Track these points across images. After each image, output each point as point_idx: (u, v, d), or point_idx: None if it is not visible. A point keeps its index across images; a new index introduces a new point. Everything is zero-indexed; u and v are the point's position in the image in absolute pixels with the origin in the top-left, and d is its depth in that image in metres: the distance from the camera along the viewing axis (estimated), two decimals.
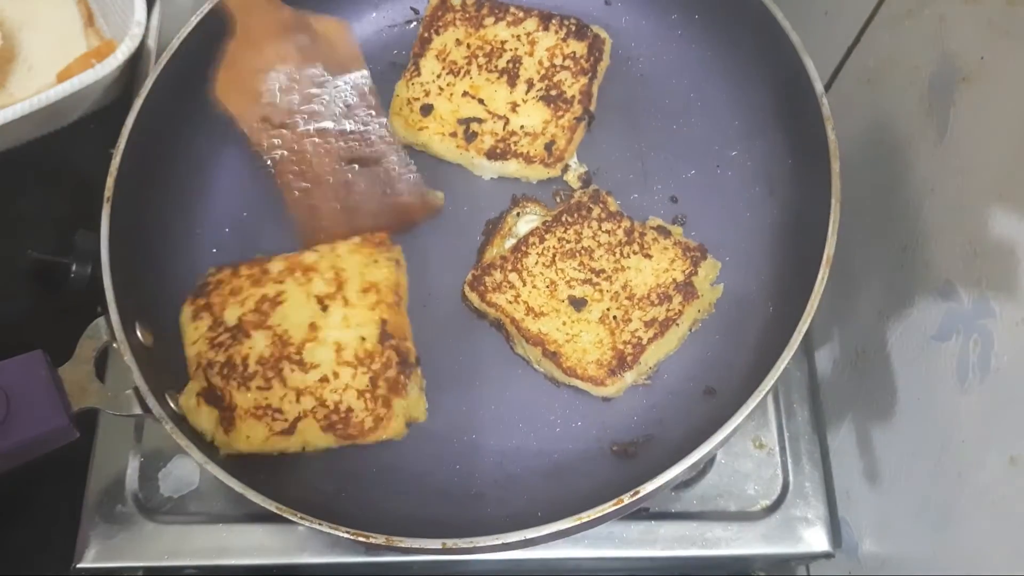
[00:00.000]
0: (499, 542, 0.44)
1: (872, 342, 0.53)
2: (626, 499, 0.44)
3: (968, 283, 0.44)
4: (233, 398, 0.51)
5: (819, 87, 0.50)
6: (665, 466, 0.45)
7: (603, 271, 0.52)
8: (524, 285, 0.51)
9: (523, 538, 0.44)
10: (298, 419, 0.50)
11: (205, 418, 0.50)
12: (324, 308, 0.52)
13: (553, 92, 0.56)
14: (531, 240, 0.52)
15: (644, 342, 0.49)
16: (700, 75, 0.58)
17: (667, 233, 0.53)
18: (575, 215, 0.53)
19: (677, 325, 0.50)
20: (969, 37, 0.44)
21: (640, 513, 0.47)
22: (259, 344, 0.52)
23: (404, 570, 0.55)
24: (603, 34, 0.57)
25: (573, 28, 0.57)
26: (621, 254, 0.52)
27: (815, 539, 0.54)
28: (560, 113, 0.56)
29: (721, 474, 0.55)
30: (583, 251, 0.52)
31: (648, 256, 0.52)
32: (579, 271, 0.52)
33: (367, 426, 0.50)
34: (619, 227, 0.53)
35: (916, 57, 0.49)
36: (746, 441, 0.49)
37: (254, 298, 0.53)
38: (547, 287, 0.51)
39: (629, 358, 0.49)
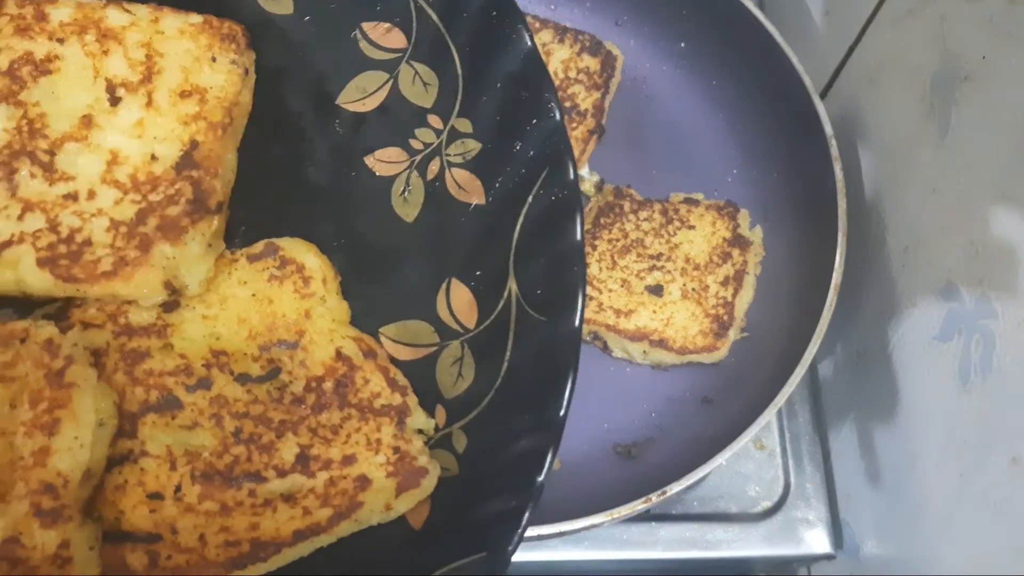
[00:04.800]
0: (535, 534, 0.45)
1: (874, 343, 0.53)
2: (655, 498, 0.46)
3: (970, 283, 0.45)
4: None
5: (828, 129, 0.53)
6: (670, 467, 0.46)
7: (661, 254, 0.55)
8: (601, 293, 0.54)
9: (557, 531, 0.45)
10: (8, 244, 0.37)
11: None
12: (115, 101, 0.39)
13: (567, 104, 0.58)
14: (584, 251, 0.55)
15: (730, 299, 0.53)
16: (704, 101, 0.61)
17: (695, 202, 0.57)
18: (610, 215, 0.56)
19: (748, 274, 0.54)
20: (971, 36, 0.45)
21: (641, 515, 0.47)
22: None
23: None
24: (615, 51, 0.60)
25: (587, 44, 0.59)
26: (668, 233, 0.55)
27: (816, 541, 0.55)
28: (574, 125, 0.58)
29: (722, 476, 0.55)
30: (635, 243, 0.55)
31: (691, 227, 0.55)
32: (640, 262, 0.54)
33: (101, 269, 0.37)
34: (654, 211, 0.56)
35: (918, 56, 0.49)
36: (747, 443, 0.49)
37: (14, 53, 0.38)
38: (621, 286, 0.54)
39: (725, 317, 0.53)
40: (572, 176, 0.44)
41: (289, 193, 0.47)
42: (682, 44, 0.62)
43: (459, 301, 0.46)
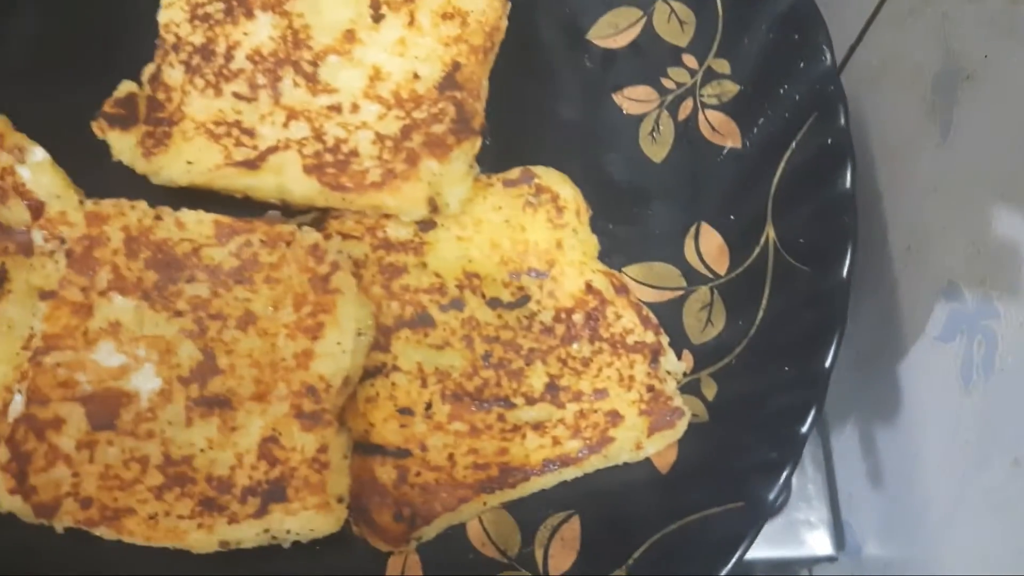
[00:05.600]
0: None
1: (876, 343, 0.54)
2: None
3: (972, 284, 0.45)
4: (185, 102, 0.40)
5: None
6: None
7: None
8: None
9: None
10: (273, 149, 0.39)
11: (117, 137, 0.40)
12: (377, 18, 0.41)
13: None
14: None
15: None
16: None
17: None
18: None
19: None
20: (972, 36, 0.45)
21: None
22: (262, 32, 0.40)
23: None
24: None
25: None
26: None
27: (818, 542, 0.55)
28: None
29: None
30: None
31: None
32: None
33: (369, 180, 0.39)
34: None
35: (919, 56, 0.50)
36: None
37: None
38: None
39: None
40: (843, 122, 0.43)
41: (537, 125, 0.47)
42: None
43: (709, 246, 0.45)
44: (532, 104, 0.47)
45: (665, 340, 0.43)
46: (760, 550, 0.55)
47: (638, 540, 0.39)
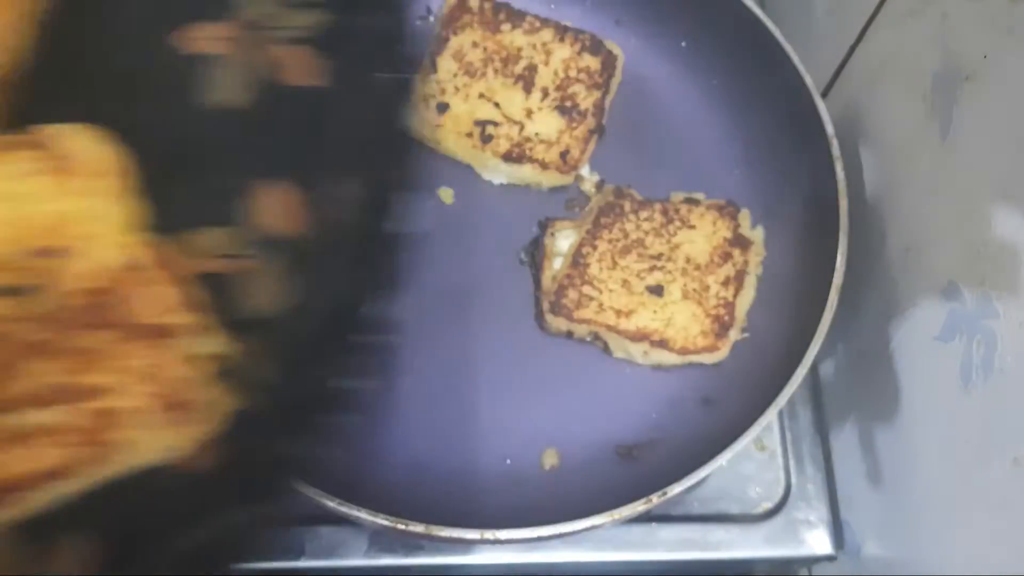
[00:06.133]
0: (535, 535, 0.46)
1: (875, 343, 0.54)
2: (655, 499, 0.47)
3: (971, 284, 0.45)
4: None
5: (830, 128, 0.55)
6: (671, 468, 0.46)
7: (661, 254, 0.57)
8: (601, 293, 0.56)
9: (557, 532, 0.46)
10: None
11: None
12: None
13: (568, 103, 0.61)
14: (584, 251, 0.56)
15: (731, 299, 0.56)
16: (705, 100, 0.63)
17: (696, 202, 0.60)
18: (611, 215, 0.58)
19: (748, 274, 0.57)
20: (972, 35, 0.46)
21: (641, 516, 0.48)
22: None
23: (403, 572, 0.55)
24: (616, 50, 0.63)
25: (588, 43, 0.62)
26: (669, 233, 0.58)
27: (817, 541, 0.56)
28: (574, 124, 0.61)
29: (723, 477, 0.57)
30: (635, 243, 0.57)
31: (692, 227, 0.58)
32: (641, 262, 0.57)
33: None
34: (655, 211, 0.58)
35: (919, 56, 0.50)
36: (748, 443, 0.49)
37: None
38: (622, 286, 0.56)
39: (726, 317, 0.55)
40: (411, 48, 0.37)
41: (79, 72, 0.40)
42: (683, 43, 0.65)
43: (279, 205, 0.38)
44: (74, 47, 0.38)
45: (203, 320, 0.35)
46: (759, 549, 0.56)
47: (153, 554, 0.33)
